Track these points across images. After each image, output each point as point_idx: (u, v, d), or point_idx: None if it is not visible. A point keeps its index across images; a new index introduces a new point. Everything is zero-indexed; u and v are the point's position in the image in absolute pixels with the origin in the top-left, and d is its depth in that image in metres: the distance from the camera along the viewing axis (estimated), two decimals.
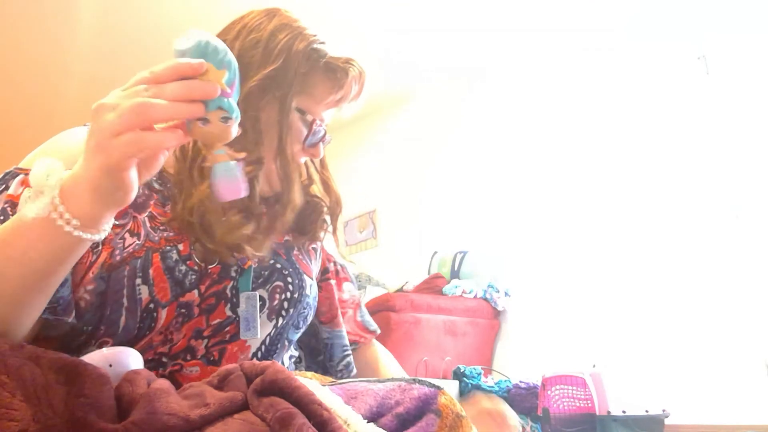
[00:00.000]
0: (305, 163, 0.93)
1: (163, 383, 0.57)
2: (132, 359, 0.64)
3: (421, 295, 2.81)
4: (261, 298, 0.78)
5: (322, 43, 0.84)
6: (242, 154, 0.76)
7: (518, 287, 3.06)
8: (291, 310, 0.82)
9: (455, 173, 3.53)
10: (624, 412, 2.09)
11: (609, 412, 2.09)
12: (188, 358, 0.73)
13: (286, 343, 0.85)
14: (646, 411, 2.08)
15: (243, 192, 0.57)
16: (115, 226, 0.72)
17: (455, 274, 3.07)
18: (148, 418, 0.48)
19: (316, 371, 0.92)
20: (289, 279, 0.82)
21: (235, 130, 0.54)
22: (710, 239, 2.54)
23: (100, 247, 0.71)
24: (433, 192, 3.59)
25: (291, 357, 0.90)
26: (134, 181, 0.54)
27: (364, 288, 3.19)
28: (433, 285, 2.97)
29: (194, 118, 0.52)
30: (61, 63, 3.22)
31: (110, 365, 0.60)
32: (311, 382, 0.62)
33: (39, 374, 0.51)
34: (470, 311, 2.92)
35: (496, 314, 3.06)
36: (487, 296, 3.00)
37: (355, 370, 0.96)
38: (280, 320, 0.81)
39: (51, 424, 0.47)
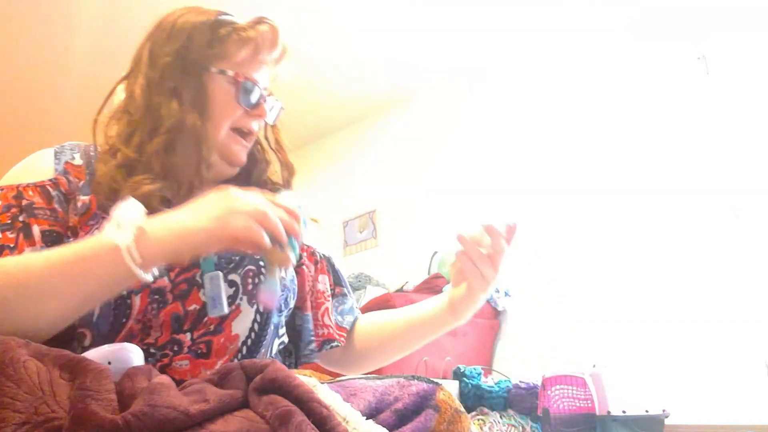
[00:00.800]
0: (262, 146, 0.98)
1: (164, 379, 0.57)
2: (132, 356, 0.64)
3: (421, 295, 2.81)
4: (234, 282, 0.80)
5: (229, 15, 0.90)
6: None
7: (518, 287, 3.06)
8: None
9: (455, 173, 3.53)
10: (624, 412, 2.09)
11: (609, 412, 2.09)
12: (176, 349, 0.74)
13: (273, 327, 0.85)
14: (646, 411, 2.08)
15: (273, 306, 0.75)
16: (85, 227, 0.78)
17: None
18: (149, 411, 0.49)
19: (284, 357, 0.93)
20: (261, 263, 0.84)
21: (292, 262, 0.71)
22: (710, 239, 2.54)
23: None
24: (433, 192, 3.59)
25: (281, 344, 0.90)
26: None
27: (364, 288, 3.19)
28: (433, 285, 2.97)
29: (277, 240, 0.70)
30: (61, 63, 3.23)
31: (109, 362, 0.61)
32: (311, 381, 0.62)
33: (43, 369, 0.52)
34: None
35: (496, 314, 3.06)
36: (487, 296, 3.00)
37: (317, 359, 0.97)
38: (261, 304, 0.82)
39: (53, 416, 0.48)
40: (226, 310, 0.75)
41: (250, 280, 0.82)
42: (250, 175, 0.96)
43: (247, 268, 0.82)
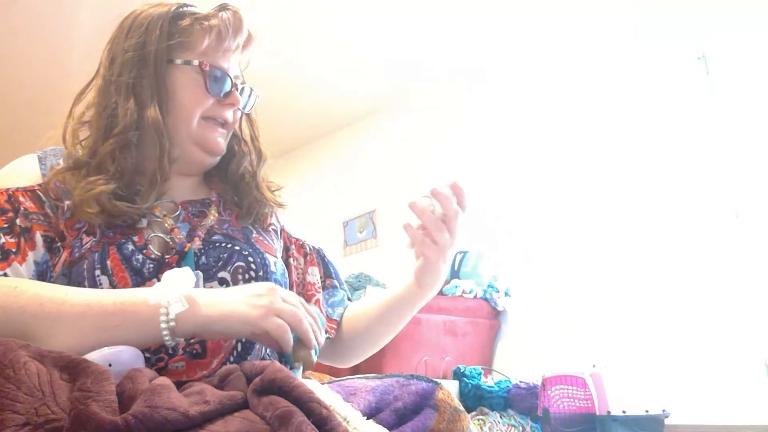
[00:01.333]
0: (239, 137, 0.96)
1: (164, 380, 0.57)
2: (132, 358, 0.64)
3: None
4: (224, 280, 0.80)
5: (190, 5, 0.89)
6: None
7: (518, 287, 3.06)
8: None
9: (455, 173, 3.52)
10: (624, 412, 2.09)
11: (609, 412, 2.09)
12: (170, 352, 0.74)
13: None
14: (646, 411, 2.08)
15: None
16: (71, 231, 0.78)
17: (455, 274, 3.07)
18: (149, 412, 0.49)
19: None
20: (250, 258, 0.83)
21: (311, 364, 0.75)
22: (710, 239, 2.54)
23: (61, 250, 0.76)
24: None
25: None
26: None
27: (364, 288, 3.19)
28: None
29: (304, 344, 0.73)
30: (61, 63, 3.23)
31: (110, 364, 0.61)
32: (310, 381, 0.63)
33: (44, 371, 0.52)
34: (470, 311, 2.92)
35: (496, 314, 3.06)
36: (487, 296, 3.00)
37: None
38: None
39: (54, 418, 0.48)
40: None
41: (240, 277, 0.81)
42: (228, 167, 0.95)
43: (236, 264, 0.82)
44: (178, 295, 0.65)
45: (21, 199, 0.77)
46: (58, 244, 0.77)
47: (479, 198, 3.37)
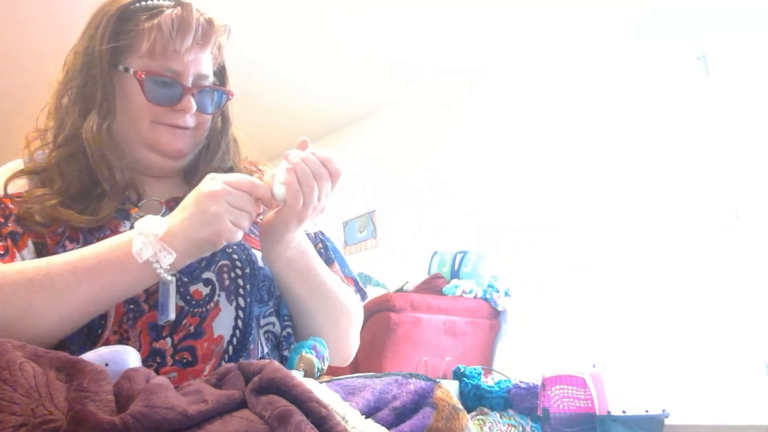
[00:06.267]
0: (216, 136, 0.90)
1: (162, 380, 0.57)
2: (129, 358, 0.64)
3: (421, 295, 2.81)
4: (209, 281, 0.77)
5: (143, 1, 0.80)
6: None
7: (518, 287, 3.06)
8: (248, 287, 0.79)
9: (455, 173, 3.53)
10: (624, 412, 2.09)
11: (609, 412, 2.09)
12: (159, 360, 0.72)
13: (255, 321, 0.81)
14: (646, 411, 2.08)
15: None
16: (53, 236, 0.76)
17: (455, 274, 3.07)
18: (147, 411, 0.48)
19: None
20: (235, 256, 0.79)
21: (312, 367, 0.74)
22: (710, 239, 2.53)
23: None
24: (433, 192, 3.59)
25: (266, 333, 0.84)
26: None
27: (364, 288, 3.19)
28: (433, 285, 2.97)
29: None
30: (62, 61, 3.23)
31: (106, 364, 0.60)
32: (309, 380, 0.62)
33: (40, 372, 0.52)
34: (470, 311, 2.92)
35: (496, 314, 3.06)
36: (487, 296, 3.00)
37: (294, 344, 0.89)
38: (241, 300, 0.78)
39: (51, 418, 0.48)
40: (172, 316, 0.71)
41: (225, 276, 0.78)
42: (197, 166, 0.88)
43: (220, 263, 0.78)
44: (161, 245, 0.66)
45: (11, 206, 0.77)
46: (45, 251, 0.76)
47: (479, 198, 3.37)
